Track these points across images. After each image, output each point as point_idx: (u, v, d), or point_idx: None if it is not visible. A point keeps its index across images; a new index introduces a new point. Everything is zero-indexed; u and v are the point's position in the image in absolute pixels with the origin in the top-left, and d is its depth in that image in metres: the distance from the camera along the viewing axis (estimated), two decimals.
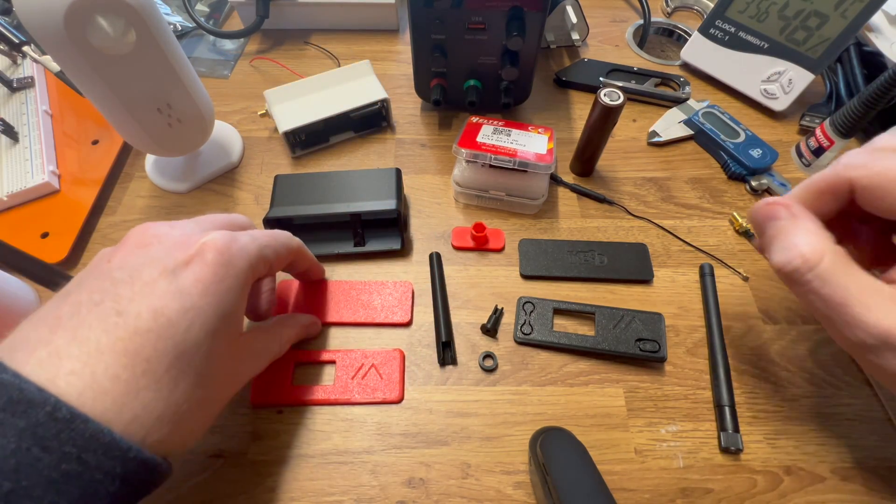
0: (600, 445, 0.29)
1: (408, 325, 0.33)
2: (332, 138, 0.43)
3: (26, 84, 0.43)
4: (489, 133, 0.37)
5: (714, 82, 0.48)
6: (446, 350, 0.32)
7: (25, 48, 0.40)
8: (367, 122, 0.43)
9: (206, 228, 0.24)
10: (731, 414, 0.29)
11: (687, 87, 0.46)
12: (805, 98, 0.43)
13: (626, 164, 0.42)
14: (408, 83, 0.45)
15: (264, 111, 0.44)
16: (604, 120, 0.35)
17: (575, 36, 0.50)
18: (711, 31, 0.46)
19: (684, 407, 0.30)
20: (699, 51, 0.47)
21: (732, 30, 0.45)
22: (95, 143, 0.41)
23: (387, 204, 0.34)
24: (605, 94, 0.34)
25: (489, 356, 0.32)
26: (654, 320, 0.32)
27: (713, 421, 0.30)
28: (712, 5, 0.47)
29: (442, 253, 0.36)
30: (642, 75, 0.47)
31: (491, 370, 0.31)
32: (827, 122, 0.39)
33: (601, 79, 0.47)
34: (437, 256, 0.36)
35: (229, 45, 0.51)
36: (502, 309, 0.33)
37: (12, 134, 0.40)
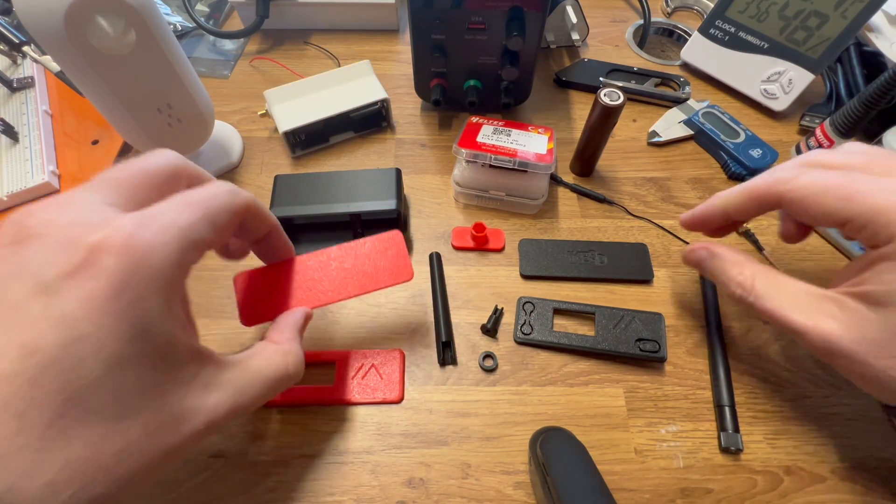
0: (600, 445, 0.29)
1: (410, 279, 0.28)
2: (332, 138, 0.43)
3: (26, 84, 0.43)
4: (489, 133, 0.37)
5: (714, 82, 0.48)
6: (446, 350, 0.32)
7: (25, 48, 0.40)
8: (367, 122, 0.43)
9: (111, 201, 0.18)
10: (731, 414, 0.29)
11: (687, 88, 0.46)
12: (805, 98, 0.43)
13: (626, 164, 0.42)
14: (408, 83, 0.45)
15: (264, 111, 0.44)
16: (604, 120, 0.35)
17: (575, 36, 0.50)
18: (711, 31, 0.46)
19: (684, 407, 0.30)
20: (699, 51, 0.47)
21: (732, 30, 0.45)
22: (95, 142, 0.41)
23: (387, 204, 0.34)
24: (605, 94, 0.34)
25: (489, 356, 0.32)
26: (654, 320, 0.32)
27: (713, 421, 0.30)
28: (712, 5, 0.47)
29: (442, 253, 0.36)
30: (642, 75, 0.47)
31: (491, 370, 0.31)
32: (827, 122, 0.39)
33: (601, 79, 0.47)
34: (437, 256, 0.36)
35: (229, 45, 0.51)
36: (502, 309, 0.33)
37: (12, 134, 0.40)
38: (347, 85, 0.43)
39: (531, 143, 0.36)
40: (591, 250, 0.36)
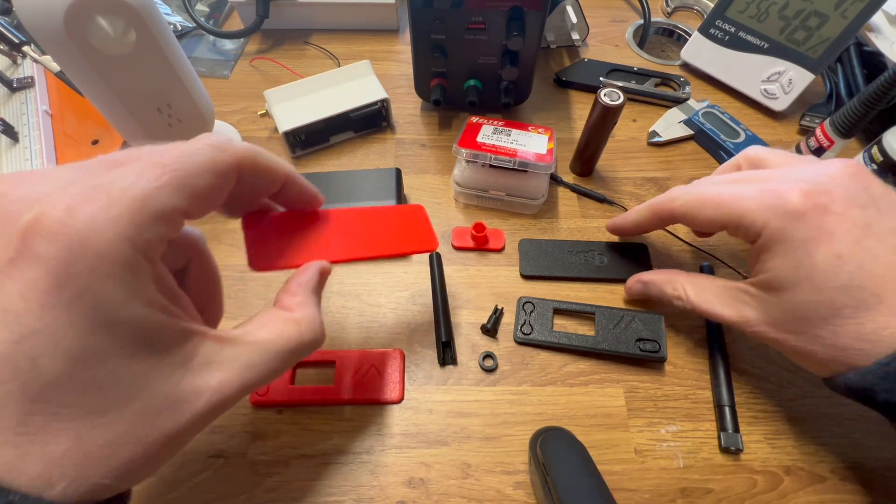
0: (600, 445, 0.29)
1: (435, 249, 0.28)
2: (332, 138, 0.43)
3: (26, 84, 0.43)
4: (489, 133, 0.37)
5: (714, 82, 0.48)
6: (446, 350, 0.32)
7: (25, 48, 0.40)
8: (367, 122, 0.43)
9: (94, 168, 0.16)
10: (731, 414, 0.29)
11: (687, 87, 0.46)
12: (805, 98, 0.43)
13: (626, 164, 0.42)
14: (408, 83, 0.45)
15: (264, 111, 0.44)
16: (604, 120, 0.35)
17: (575, 36, 0.50)
18: (711, 31, 0.46)
19: (684, 407, 0.30)
20: (699, 51, 0.47)
21: (732, 30, 0.45)
22: (95, 142, 0.41)
23: (387, 204, 0.34)
24: (605, 94, 0.34)
25: (489, 356, 0.32)
26: (654, 320, 0.32)
27: (713, 421, 0.30)
28: (712, 5, 0.47)
29: (442, 253, 0.36)
30: (642, 75, 0.47)
31: (491, 370, 0.31)
32: (827, 122, 0.39)
33: (601, 79, 0.47)
34: (437, 256, 0.36)
35: (229, 45, 0.51)
36: (502, 309, 0.33)
37: (12, 134, 0.40)
38: (347, 85, 0.43)
39: (531, 143, 0.36)
40: (591, 250, 0.36)
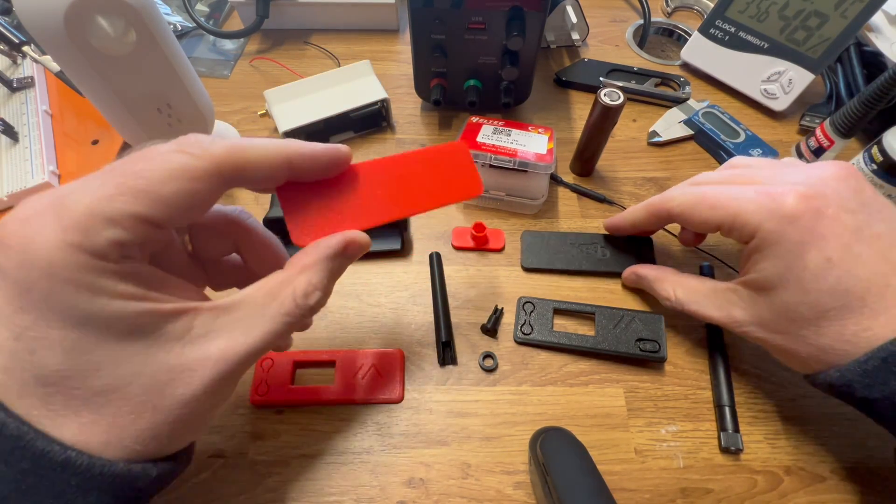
0: (600, 445, 0.29)
1: (481, 193, 0.25)
2: (332, 138, 0.43)
3: (26, 84, 0.43)
4: (489, 133, 0.37)
5: (714, 82, 0.48)
6: (446, 350, 0.32)
7: (25, 48, 0.40)
8: (367, 121, 0.43)
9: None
10: (731, 414, 0.29)
11: (687, 87, 0.46)
12: (805, 98, 0.43)
13: (626, 164, 0.42)
14: (408, 83, 0.45)
15: (264, 111, 0.44)
16: (604, 120, 0.35)
17: (575, 36, 0.50)
18: (711, 31, 0.46)
19: (684, 407, 0.30)
20: (699, 51, 0.47)
21: (732, 30, 0.45)
22: (95, 142, 0.41)
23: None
24: (605, 94, 0.34)
25: (489, 356, 0.32)
26: (654, 320, 0.32)
27: (713, 421, 0.30)
28: (712, 5, 0.47)
29: (442, 253, 0.36)
30: (642, 75, 0.47)
31: (491, 370, 0.31)
32: (827, 122, 0.39)
33: (601, 79, 0.47)
34: (437, 256, 0.36)
35: (229, 45, 0.51)
36: (502, 309, 0.33)
37: (12, 134, 0.40)
38: (347, 85, 0.43)
39: (531, 143, 0.36)
40: (593, 243, 0.36)
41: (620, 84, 0.46)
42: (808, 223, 0.23)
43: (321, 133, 0.42)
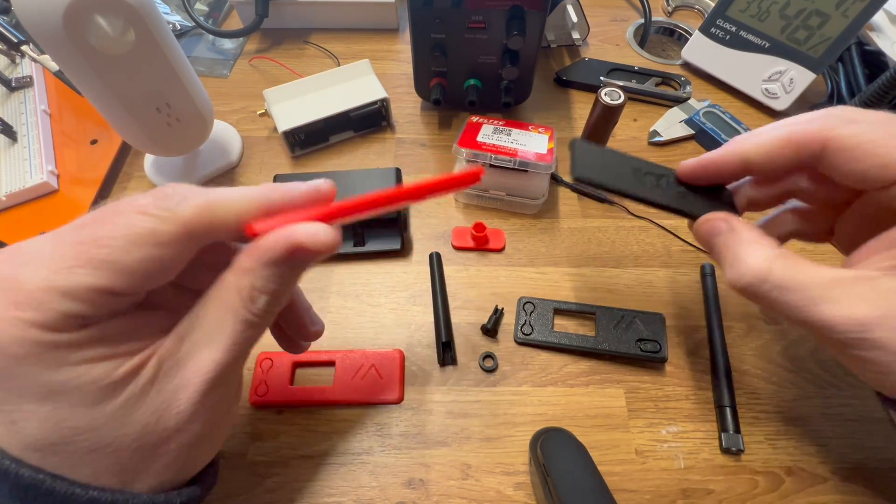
0: (601, 446, 0.29)
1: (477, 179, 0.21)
2: (332, 138, 0.43)
3: (25, 83, 0.43)
4: (489, 133, 0.37)
5: (715, 82, 0.48)
6: (446, 350, 0.31)
7: (24, 47, 0.40)
8: (367, 121, 0.43)
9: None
10: (732, 414, 0.29)
11: (688, 87, 0.46)
12: (806, 97, 0.43)
13: None
14: (408, 83, 0.45)
15: (264, 111, 0.44)
16: (604, 119, 0.35)
17: (575, 35, 0.49)
18: (712, 30, 0.46)
19: (685, 407, 0.30)
20: (700, 50, 0.47)
21: (733, 29, 0.45)
22: (94, 142, 0.41)
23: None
24: (605, 94, 0.34)
25: (489, 356, 0.32)
26: (654, 320, 0.32)
27: (714, 421, 0.29)
28: (713, 4, 0.47)
29: (442, 253, 0.36)
30: (643, 74, 0.47)
31: (491, 370, 0.31)
32: None
33: (602, 78, 0.47)
34: (437, 256, 0.36)
35: (228, 44, 0.51)
36: (502, 309, 0.33)
37: (11, 133, 0.39)
38: (347, 84, 0.43)
39: (531, 143, 0.36)
40: (662, 175, 0.27)
41: (621, 83, 0.46)
42: None
43: (321, 132, 0.42)
